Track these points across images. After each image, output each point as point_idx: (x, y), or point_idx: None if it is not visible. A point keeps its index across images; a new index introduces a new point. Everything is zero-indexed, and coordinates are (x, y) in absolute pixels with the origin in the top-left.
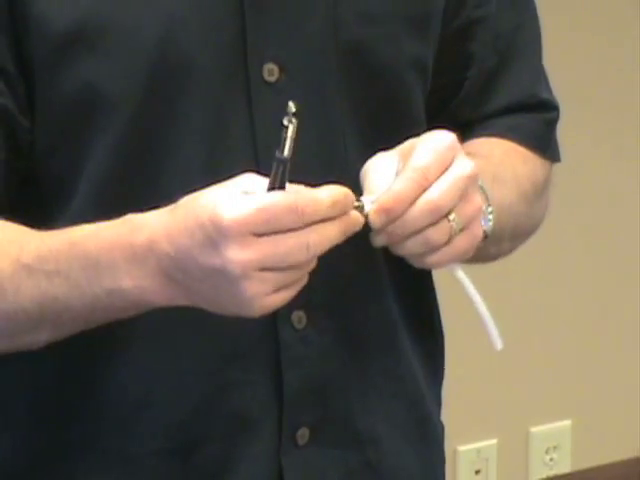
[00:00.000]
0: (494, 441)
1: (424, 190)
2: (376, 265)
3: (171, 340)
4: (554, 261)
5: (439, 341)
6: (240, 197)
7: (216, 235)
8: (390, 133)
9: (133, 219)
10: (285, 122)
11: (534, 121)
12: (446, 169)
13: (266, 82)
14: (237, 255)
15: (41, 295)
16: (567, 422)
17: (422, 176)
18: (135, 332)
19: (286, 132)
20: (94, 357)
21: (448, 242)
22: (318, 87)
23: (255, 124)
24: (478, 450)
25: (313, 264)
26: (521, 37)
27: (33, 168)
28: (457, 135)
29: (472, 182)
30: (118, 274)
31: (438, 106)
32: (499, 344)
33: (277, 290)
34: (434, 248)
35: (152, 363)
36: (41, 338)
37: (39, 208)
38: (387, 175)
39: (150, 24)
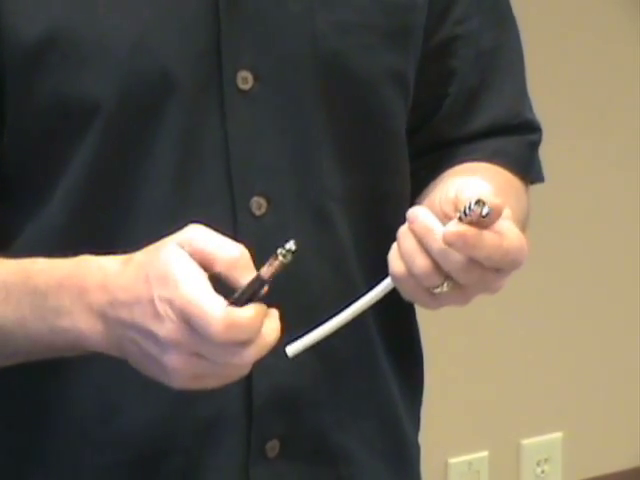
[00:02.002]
0: (485, 453)
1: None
2: (352, 279)
3: None
4: (545, 275)
5: (418, 362)
6: (209, 297)
7: (158, 301)
8: (367, 145)
9: (89, 260)
10: (281, 257)
11: (518, 145)
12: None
13: (240, 90)
14: (173, 330)
15: None
16: (558, 434)
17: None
18: None
19: (280, 265)
20: (56, 367)
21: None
22: (293, 96)
23: (228, 131)
24: (469, 462)
25: (247, 370)
26: (504, 56)
27: (4, 176)
28: (440, 155)
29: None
30: (61, 312)
31: (419, 123)
32: (291, 351)
33: (201, 377)
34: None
35: (115, 373)
36: None
37: (9, 213)
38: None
39: (123, 32)
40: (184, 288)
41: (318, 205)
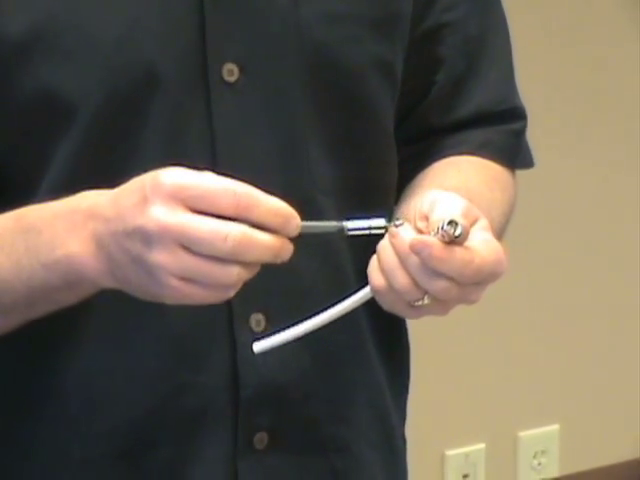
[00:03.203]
0: (482, 445)
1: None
2: (342, 270)
3: (122, 341)
4: (543, 267)
5: (405, 351)
6: (188, 171)
7: (150, 192)
8: (355, 136)
9: (85, 192)
10: (384, 222)
11: (504, 135)
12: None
13: (225, 82)
14: (160, 214)
15: None
16: (555, 427)
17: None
18: (85, 333)
19: (371, 229)
20: (42, 359)
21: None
22: (279, 88)
23: (213, 124)
24: (466, 455)
25: (234, 288)
26: (490, 42)
27: None
28: (427, 145)
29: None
30: (55, 245)
31: (406, 111)
32: (257, 348)
33: (188, 280)
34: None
35: (102, 364)
36: None
37: None
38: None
39: (109, 26)
40: (183, 174)
41: (306, 197)
